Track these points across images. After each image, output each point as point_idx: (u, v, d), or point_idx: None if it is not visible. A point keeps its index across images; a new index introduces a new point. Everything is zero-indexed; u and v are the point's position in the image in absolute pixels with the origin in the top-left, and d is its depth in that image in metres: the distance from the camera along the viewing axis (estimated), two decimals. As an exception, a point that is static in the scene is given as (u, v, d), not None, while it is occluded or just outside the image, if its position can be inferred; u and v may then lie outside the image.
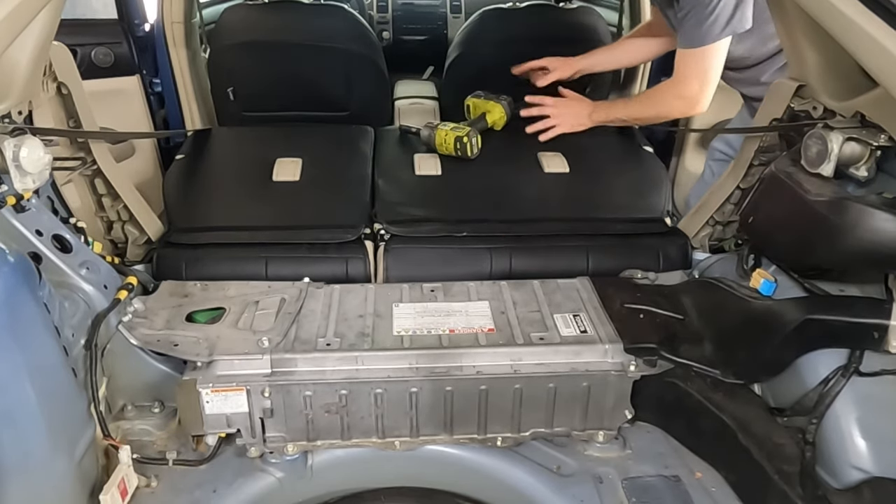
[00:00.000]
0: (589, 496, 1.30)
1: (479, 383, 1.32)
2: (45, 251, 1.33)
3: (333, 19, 2.59)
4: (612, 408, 1.38)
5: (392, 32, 3.82)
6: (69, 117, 1.52)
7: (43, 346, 1.12)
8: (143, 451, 1.35)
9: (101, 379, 1.32)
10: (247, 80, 2.47)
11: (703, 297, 1.51)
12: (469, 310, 1.47)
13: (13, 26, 1.09)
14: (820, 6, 1.09)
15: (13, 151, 1.20)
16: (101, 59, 2.37)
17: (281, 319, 1.41)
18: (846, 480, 1.17)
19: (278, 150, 2.01)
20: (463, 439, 1.38)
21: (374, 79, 2.53)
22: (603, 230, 1.78)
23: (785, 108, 1.47)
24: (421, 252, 1.72)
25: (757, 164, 1.61)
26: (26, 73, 1.26)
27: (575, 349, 1.36)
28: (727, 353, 1.38)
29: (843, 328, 1.21)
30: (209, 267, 1.64)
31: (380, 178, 1.96)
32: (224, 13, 2.58)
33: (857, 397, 1.20)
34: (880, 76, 1.05)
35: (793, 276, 1.40)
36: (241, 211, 1.85)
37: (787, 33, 1.39)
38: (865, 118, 1.24)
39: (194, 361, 1.31)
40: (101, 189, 1.65)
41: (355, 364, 1.33)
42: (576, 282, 1.59)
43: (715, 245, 1.82)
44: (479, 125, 2.13)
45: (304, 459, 1.37)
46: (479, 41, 2.64)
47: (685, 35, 1.79)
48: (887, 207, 1.13)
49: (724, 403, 1.33)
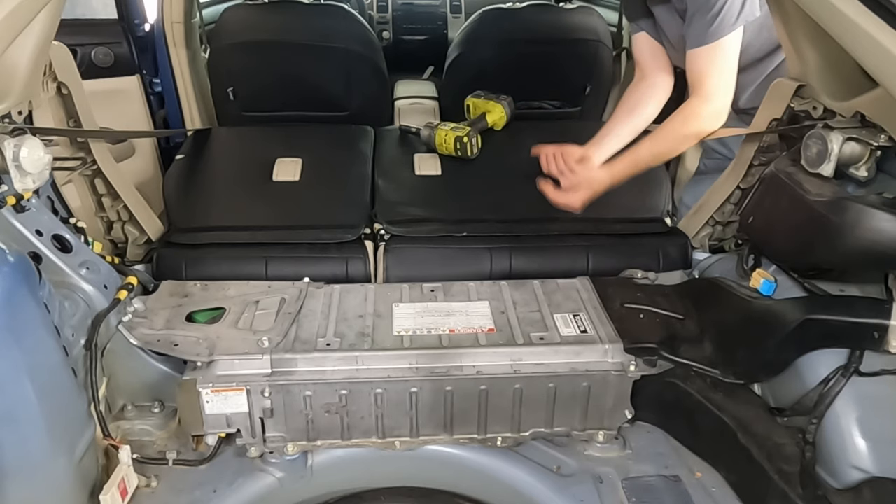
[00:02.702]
0: (589, 496, 1.30)
1: (479, 383, 1.32)
2: (46, 251, 1.33)
3: (333, 19, 2.59)
4: (612, 408, 1.38)
5: (392, 32, 3.82)
6: (69, 117, 1.52)
7: (43, 346, 1.12)
8: (143, 451, 1.35)
9: (101, 379, 1.32)
10: (247, 80, 2.47)
11: (703, 297, 1.51)
12: (469, 310, 1.47)
13: (13, 26, 1.09)
14: (820, 6, 1.09)
15: (13, 151, 1.20)
16: (101, 59, 2.36)
17: (281, 319, 1.41)
18: (846, 480, 1.18)
19: (278, 150, 2.01)
20: (463, 439, 1.38)
21: (374, 79, 2.53)
22: (603, 230, 1.78)
23: (785, 109, 1.47)
24: (421, 252, 1.72)
25: (757, 164, 1.61)
26: (26, 73, 1.26)
27: (575, 349, 1.36)
28: (727, 353, 1.38)
29: (843, 328, 1.21)
30: (209, 267, 1.64)
31: (380, 178, 1.96)
32: (224, 13, 2.58)
33: (857, 397, 1.20)
34: (880, 76, 1.05)
35: (793, 276, 1.40)
36: (241, 211, 1.85)
37: (787, 33, 1.38)
38: (865, 118, 1.24)
39: (194, 361, 1.31)
40: (101, 189, 1.65)
41: (355, 364, 1.33)
42: (576, 282, 1.59)
43: (715, 245, 1.82)
44: (480, 125, 2.13)
45: (304, 459, 1.37)
46: (479, 41, 2.64)
47: (696, 32, 1.60)
48: (887, 207, 1.13)
49: (724, 403, 1.33)
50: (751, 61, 1.79)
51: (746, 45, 1.66)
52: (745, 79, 1.79)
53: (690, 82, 1.66)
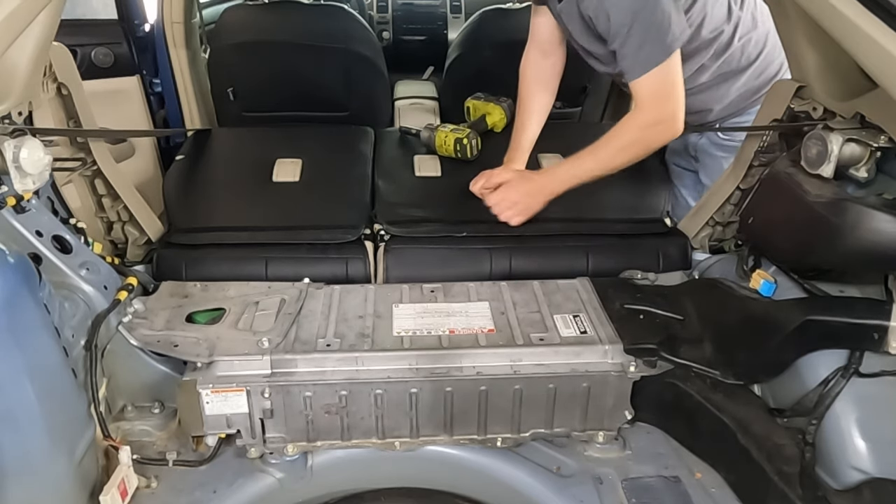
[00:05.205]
0: (589, 497, 1.30)
1: (479, 384, 1.32)
2: (46, 252, 1.33)
3: (333, 19, 2.59)
4: (611, 408, 1.38)
5: (392, 32, 3.83)
6: (69, 118, 1.52)
7: (43, 346, 1.12)
8: (143, 451, 1.35)
9: (102, 379, 1.32)
10: (247, 80, 2.47)
11: (703, 298, 1.51)
12: (469, 310, 1.47)
13: (13, 27, 1.09)
14: (820, 7, 1.09)
15: (13, 152, 1.20)
16: (101, 59, 2.37)
17: (281, 320, 1.41)
18: (846, 481, 1.18)
19: (278, 151, 2.01)
20: (463, 440, 1.38)
21: (374, 79, 2.53)
22: (603, 230, 1.78)
23: (785, 109, 1.47)
24: (421, 252, 1.72)
25: (757, 165, 1.61)
26: (26, 73, 1.26)
27: (575, 350, 1.36)
28: (727, 353, 1.38)
29: (843, 329, 1.21)
30: (209, 267, 1.64)
31: (380, 179, 1.96)
32: (224, 13, 2.59)
33: (857, 398, 1.20)
34: (880, 77, 1.05)
35: (793, 276, 1.40)
36: (241, 211, 1.85)
37: (786, 34, 1.39)
38: (865, 119, 1.24)
39: (194, 362, 1.31)
40: (101, 189, 1.65)
41: (355, 365, 1.33)
42: (576, 282, 1.59)
43: (715, 245, 1.82)
44: (479, 127, 2.14)
45: (304, 460, 1.37)
46: (479, 42, 2.64)
47: (634, 62, 1.55)
48: (887, 208, 1.13)
49: (724, 404, 1.33)
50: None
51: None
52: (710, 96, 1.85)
53: (640, 105, 1.62)
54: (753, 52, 1.82)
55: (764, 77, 1.84)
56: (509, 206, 1.73)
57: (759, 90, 1.84)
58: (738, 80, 1.85)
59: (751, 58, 1.82)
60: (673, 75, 1.55)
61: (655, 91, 1.57)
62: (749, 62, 1.83)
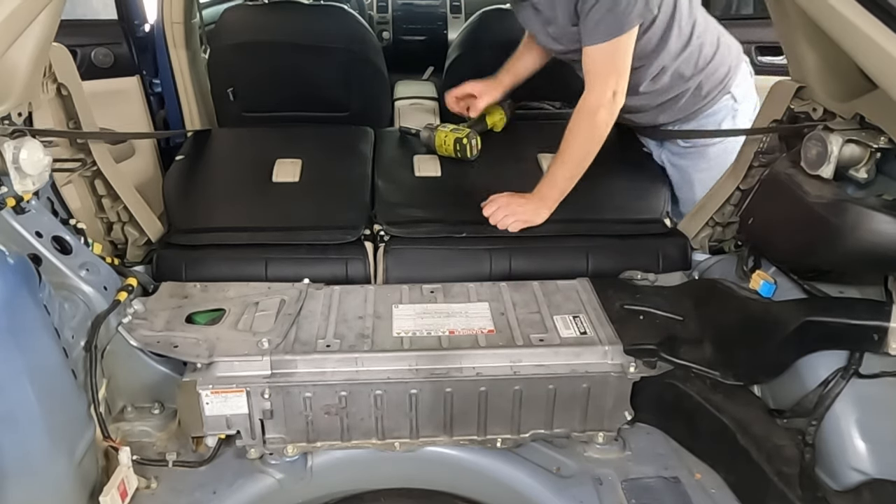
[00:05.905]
0: (589, 497, 1.30)
1: (479, 385, 1.32)
2: (45, 253, 1.33)
3: (333, 19, 2.59)
4: (611, 409, 1.38)
5: (392, 33, 3.83)
6: (69, 118, 1.52)
7: (43, 347, 1.12)
8: (142, 452, 1.35)
9: (101, 380, 1.33)
10: (247, 80, 2.47)
11: (703, 299, 1.51)
12: (469, 311, 1.47)
13: (13, 27, 1.09)
14: (819, 7, 1.09)
15: (13, 153, 1.20)
16: (101, 59, 2.37)
17: (281, 321, 1.41)
18: (845, 482, 1.18)
19: (278, 151, 2.01)
20: (463, 441, 1.38)
21: (373, 79, 2.53)
22: (602, 231, 1.78)
23: (785, 110, 1.47)
24: (421, 253, 1.72)
25: (757, 166, 1.61)
26: (26, 74, 1.26)
27: (575, 350, 1.36)
28: (727, 354, 1.38)
29: (843, 330, 1.21)
30: (209, 268, 1.64)
31: (380, 179, 1.96)
32: (224, 13, 2.59)
33: (857, 399, 1.20)
34: (879, 78, 1.05)
35: (792, 277, 1.40)
36: (240, 212, 1.85)
37: (786, 35, 1.39)
38: (865, 120, 1.24)
39: (194, 363, 1.31)
40: (101, 190, 1.65)
41: (355, 365, 1.33)
42: (575, 283, 1.59)
43: (715, 246, 1.82)
44: (479, 127, 2.13)
45: (304, 461, 1.37)
46: (479, 42, 2.64)
47: (594, 29, 1.62)
48: (887, 209, 1.13)
49: (724, 405, 1.33)
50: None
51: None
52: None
53: (589, 86, 1.71)
54: (709, 53, 1.85)
55: (714, 79, 1.87)
56: (510, 214, 1.75)
57: (707, 94, 1.88)
58: (692, 83, 1.86)
59: (707, 58, 1.84)
60: (623, 52, 1.66)
61: (604, 62, 1.66)
62: (706, 62, 1.84)
